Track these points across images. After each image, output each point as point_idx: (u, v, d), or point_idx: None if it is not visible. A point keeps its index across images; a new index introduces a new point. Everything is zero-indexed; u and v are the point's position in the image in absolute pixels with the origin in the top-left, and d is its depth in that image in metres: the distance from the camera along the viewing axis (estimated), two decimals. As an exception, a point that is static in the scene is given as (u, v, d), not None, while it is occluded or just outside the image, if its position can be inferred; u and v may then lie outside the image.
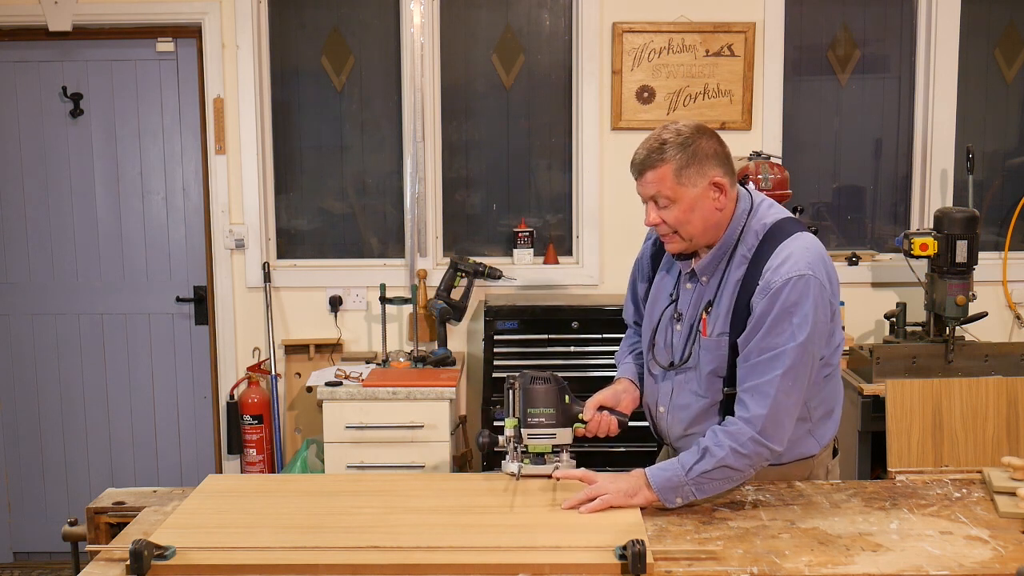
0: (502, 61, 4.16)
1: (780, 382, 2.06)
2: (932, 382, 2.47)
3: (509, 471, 2.25)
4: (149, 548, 1.80)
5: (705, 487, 2.09)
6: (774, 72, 4.05)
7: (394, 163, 4.20)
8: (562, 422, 2.26)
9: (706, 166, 2.12)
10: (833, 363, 2.25)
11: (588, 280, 4.13)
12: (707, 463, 2.06)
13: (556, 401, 2.26)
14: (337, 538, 1.92)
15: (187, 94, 4.15)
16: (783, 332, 2.07)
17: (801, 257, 2.10)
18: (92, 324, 4.26)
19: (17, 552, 4.36)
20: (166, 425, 4.32)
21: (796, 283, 2.07)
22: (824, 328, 2.12)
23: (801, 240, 2.14)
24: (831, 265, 2.17)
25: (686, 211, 2.13)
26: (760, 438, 2.06)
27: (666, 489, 2.08)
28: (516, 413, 2.26)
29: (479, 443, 2.31)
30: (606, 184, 4.09)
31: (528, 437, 2.25)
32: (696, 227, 2.16)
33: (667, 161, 2.11)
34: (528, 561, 1.81)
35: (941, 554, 1.87)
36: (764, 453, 2.08)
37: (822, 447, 2.29)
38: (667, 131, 2.15)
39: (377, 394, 3.57)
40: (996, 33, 4.20)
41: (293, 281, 4.16)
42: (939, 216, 3.62)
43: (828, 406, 2.27)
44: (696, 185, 2.12)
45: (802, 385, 2.10)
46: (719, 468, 2.07)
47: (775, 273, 2.09)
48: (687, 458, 2.10)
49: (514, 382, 2.28)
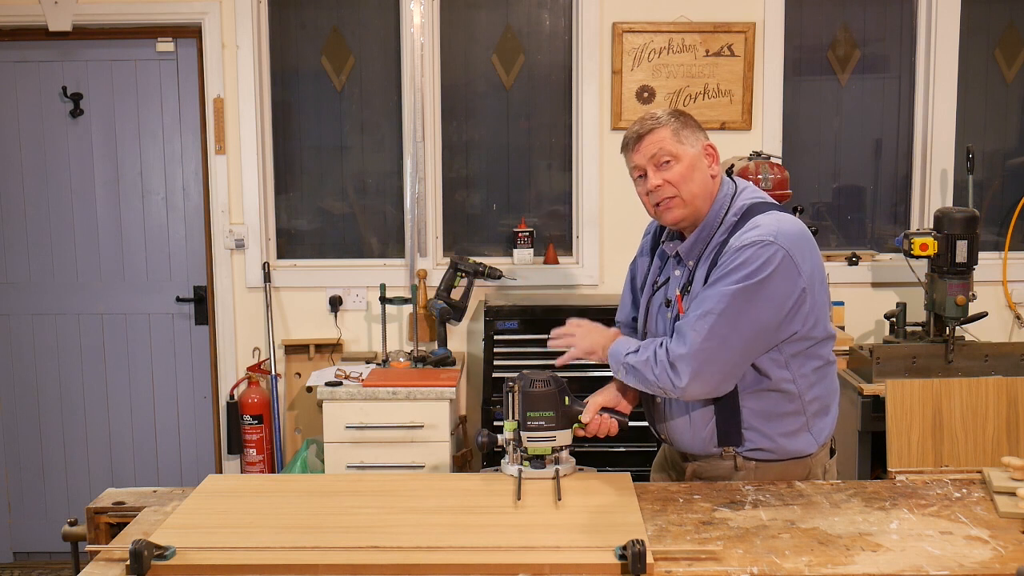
0: (502, 61, 4.16)
1: (696, 322, 2.12)
2: (932, 382, 2.47)
3: (509, 473, 2.26)
4: (149, 548, 1.80)
5: (627, 377, 2.26)
6: (774, 72, 4.06)
7: (394, 163, 4.20)
8: (562, 424, 2.27)
9: (698, 132, 2.26)
10: (823, 354, 2.25)
11: (588, 280, 4.13)
12: (636, 358, 2.23)
13: (556, 403, 2.26)
14: (337, 538, 1.92)
15: (187, 94, 4.15)
16: (726, 280, 2.11)
17: (769, 228, 2.13)
18: (92, 324, 4.26)
19: (17, 552, 4.36)
20: (166, 425, 4.32)
21: (758, 248, 2.10)
22: (781, 298, 2.11)
23: (773, 216, 2.18)
24: (808, 246, 2.17)
25: (688, 168, 2.21)
26: (668, 367, 2.15)
27: (612, 357, 2.30)
28: (515, 416, 2.26)
29: (478, 442, 2.31)
30: (606, 184, 4.09)
31: (528, 440, 2.25)
32: (696, 187, 2.21)
33: (663, 124, 2.23)
34: (528, 561, 1.81)
35: (941, 554, 1.87)
36: (667, 382, 2.16)
37: (819, 445, 2.30)
38: (653, 111, 2.30)
39: (377, 394, 3.57)
40: (996, 33, 4.20)
41: (293, 281, 4.16)
42: (939, 216, 3.62)
43: (823, 402, 2.28)
44: (693, 145, 2.23)
45: (734, 340, 2.11)
46: (638, 365, 2.21)
47: (738, 239, 2.15)
48: (631, 345, 2.28)
49: (513, 384, 2.27)
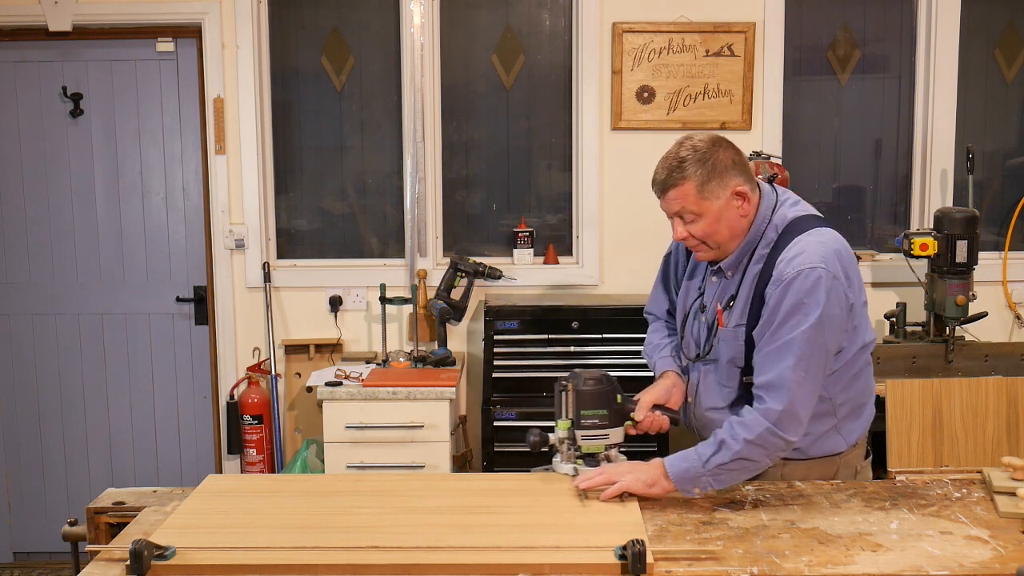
0: (502, 61, 4.16)
1: (792, 373, 2.09)
2: (932, 382, 2.47)
3: (563, 472, 2.28)
4: (149, 548, 1.80)
5: (722, 478, 2.12)
6: (774, 72, 4.05)
7: (394, 163, 4.20)
8: (615, 422, 2.28)
9: (726, 177, 2.17)
10: (859, 361, 2.26)
11: (588, 280, 4.13)
12: (723, 455, 2.10)
13: (608, 401, 2.27)
14: (337, 538, 1.92)
15: (187, 94, 4.15)
16: (793, 323, 2.10)
17: (815, 251, 2.13)
18: (92, 324, 4.26)
19: (17, 552, 4.36)
20: (166, 425, 4.32)
21: (808, 275, 2.10)
22: (838, 322, 2.14)
23: (817, 235, 2.18)
24: (850, 261, 2.20)
25: (712, 223, 2.19)
26: (775, 429, 2.09)
27: (684, 480, 2.12)
28: (569, 415, 2.27)
29: (529, 441, 2.30)
30: (606, 184, 4.09)
31: (582, 439, 2.26)
32: (723, 236, 2.22)
33: (688, 178, 2.16)
34: (528, 561, 1.81)
35: (941, 554, 1.87)
36: (780, 444, 2.11)
37: (849, 446, 2.31)
38: (684, 148, 2.19)
39: (377, 394, 3.56)
40: (996, 33, 4.20)
41: (293, 281, 4.16)
42: (939, 216, 3.62)
43: (855, 404, 2.29)
44: (719, 197, 2.17)
45: (815, 376, 2.13)
46: (736, 460, 2.10)
47: (788, 265, 2.14)
48: (704, 449, 2.13)
49: (566, 383, 2.28)
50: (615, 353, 3.66)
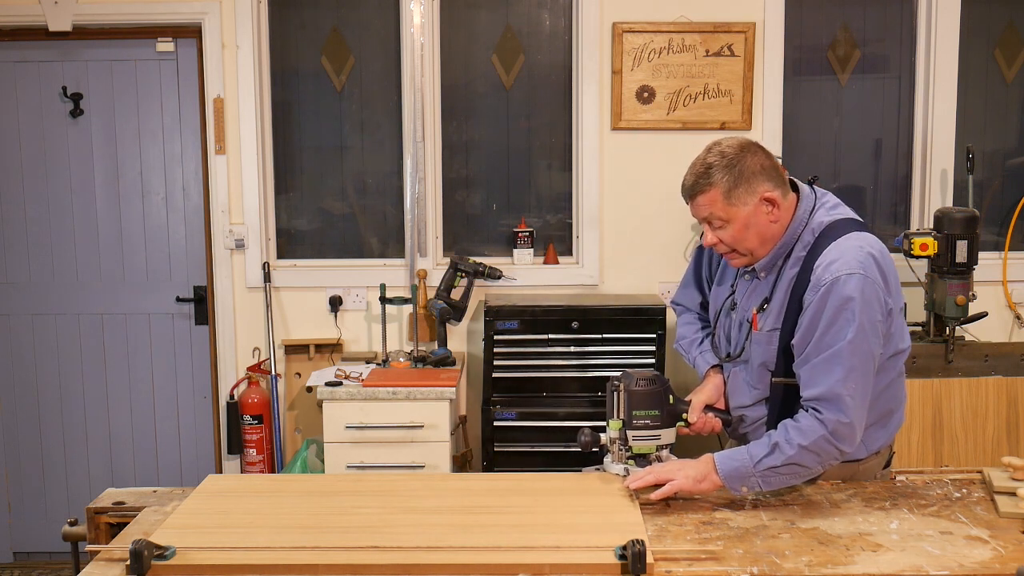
0: (502, 61, 4.16)
1: (844, 387, 2.07)
2: (932, 382, 2.48)
3: (615, 472, 2.28)
4: (149, 548, 1.80)
5: (771, 480, 2.11)
6: (774, 72, 4.05)
7: (394, 163, 4.20)
8: (666, 423, 2.28)
9: (755, 183, 2.14)
10: (889, 368, 2.22)
11: (588, 280, 4.13)
12: (775, 458, 2.09)
13: (660, 402, 2.27)
14: (337, 538, 1.92)
15: (187, 94, 4.15)
16: (836, 332, 2.07)
17: (853, 255, 2.09)
18: (92, 324, 4.26)
19: (17, 552, 4.36)
20: (166, 425, 4.32)
21: (847, 280, 2.06)
22: (878, 326, 2.10)
23: (854, 239, 2.14)
24: (888, 265, 2.15)
25: (741, 229, 2.17)
26: (831, 438, 2.07)
27: (733, 478, 2.11)
28: (621, 415, 2.27)
29: (580, 441, 2.30)
30: (606, 184, 4.09)
31: (633, 439, 2.26)
32: (753, 242, 2.19)
33: (715, 185, 2.14)
34: (528, 561, 1.81)
35: (941, 554, 1.87)
36: (834, 453, 2.10)
37: (870, 453, 2.28)
38: (712, 154, 2.16)
39: (377, 394, 3.57)
40: (996, 33, 4.20)
41: (293, 281, 4.16)
42: (939, 216, 3.62)
43: (881, 412, 2.25)
44: (747, 203, 2.15)
45: (866, 385, 2.10)
46: (787, 465, 2.09)
47: (825, 270, 2.10)
48: (756, 450, 2.11)
49: (618, 384, 2.27)
50: (615, 353, 3.67)
